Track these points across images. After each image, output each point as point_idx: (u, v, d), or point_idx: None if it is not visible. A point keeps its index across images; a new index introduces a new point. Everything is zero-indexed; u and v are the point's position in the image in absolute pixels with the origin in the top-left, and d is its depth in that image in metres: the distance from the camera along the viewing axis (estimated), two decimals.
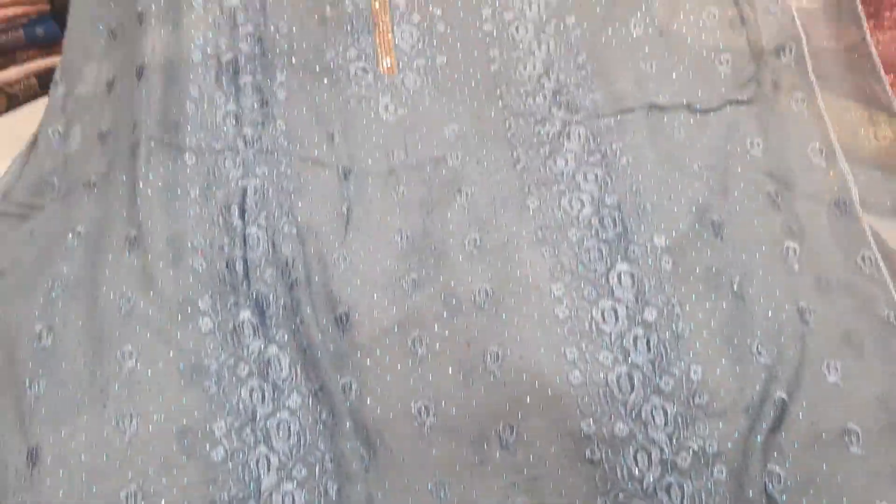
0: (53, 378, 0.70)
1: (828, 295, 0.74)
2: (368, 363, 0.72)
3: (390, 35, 0.94)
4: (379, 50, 0.93)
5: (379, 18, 0.95)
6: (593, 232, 0.75)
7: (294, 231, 0.79)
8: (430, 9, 0.94)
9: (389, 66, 0.93)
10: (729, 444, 0.65)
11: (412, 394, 0.70)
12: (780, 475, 0.64)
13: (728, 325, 0.71)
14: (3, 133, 1.30)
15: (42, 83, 1.42)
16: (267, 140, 0.85)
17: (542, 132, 0.84)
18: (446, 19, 0.94)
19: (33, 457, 0.65)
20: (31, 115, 1.37)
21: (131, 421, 0.67)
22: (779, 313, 0.72)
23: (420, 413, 0.69)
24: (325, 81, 0.90)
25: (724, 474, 0.64)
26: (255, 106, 0.87)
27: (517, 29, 0.94)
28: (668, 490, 0.64)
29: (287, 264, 0.77)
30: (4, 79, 1.37)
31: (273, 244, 0.79)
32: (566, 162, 0.80)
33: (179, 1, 0.88)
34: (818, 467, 0.64)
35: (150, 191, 0.81)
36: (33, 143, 0.96)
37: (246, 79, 0.87)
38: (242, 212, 0.80)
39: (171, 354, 0.72)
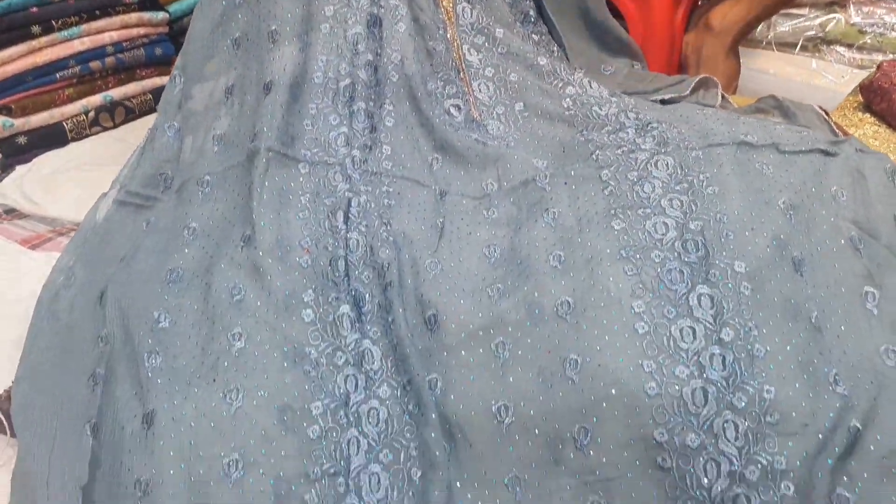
0: (169, 353, 0.77)
1: None
2: (454, 363, 0.77)
3: (469, 86, 1.02)
4: (467, 93, 1.01)
5: (461, 67, 1.03)
6: (676, 255, 0.78)
7: (391, 239, 0.86)
8: (501, 61, 1.03)
9: (474, 111, 1.01)
10: (798, 463, 0.67)
11: (493, 394, 0.75)
12: (848, 499, 0.66)
13: (804, 352, 0.73)
14: (119, 142, 1.42)
15: (157, 99, 1.54)
16: (372, 163, 0.93)
17: (630, 157, 0.89)
18: (517, 70, 1.03)
19: (148, 420, 0.72)
20: (145, 127, 1.49)
21: (237, 395, 0.73)
22: (857, 350, 0.74)
23: (500, 412, 0.74)
24: (426, 113, 0.98)
25: (792, 490, 0.66)
26: (366, 131, 0.95)
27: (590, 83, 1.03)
28: (734, 501, 0.67)
29: (383, 268, 0.83)
30: (124, 93, 1.50)
31: (371, 249, 0.85)
32: (653, 188, 0.84)
33: (310, 24, 0.97)
34: (888, 498, 0.66)
35: (265, 196, 0.88)
36: (151, 137, 1.05)
37: (360, 104, 0.95)
38: (347, 218, 0.87)
39: (276, 339, 0.78)
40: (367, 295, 0.82)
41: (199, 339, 0.78)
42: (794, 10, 1.56)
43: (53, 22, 1.35)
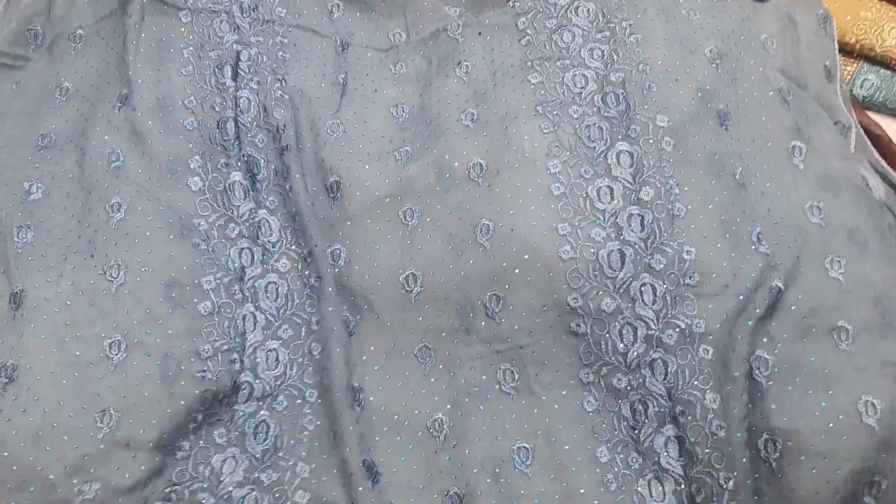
0: (41, 227, 0.70)
1: (834, 194, 0.72)
2: (358, 232, 0.72)
3: None
4: None
5: None
6: (595, 109, 0.73)
7: (287, 97, 0.78)
8: None
9: None
10: (717, 326, 0.64)
11: (401, 263, 0.70)
12: (767, 360, 0.63)
13: (728, 210, 0.69)
14: None
15: None
16: (264, 10, 0.83)
17: (549, 3, 0.81)
18: None
19: (17, 300, 0.65)
20: None
21: (118, 271, 0.67)
22: (782, 207, 0.70)
23: (408, 282, 0.69)
24: None
25: (710, 354, 0.64)
26: None
27: None
28: (651, 366, 0.64)
29: (278, 130, 0.76)
30: None
31: (265, 109, 0.77)
32: (573, 37, 0.77)
33: None
34: (806, 358, 0.63)
35: (142, 49, 0.78)
36: None
37: None
38: (235, 74, 0.78)
39: (160, 210, 0.71)
40: (262, 160, 0.75)
41: (75, 211, 0.71)
42: None
43: None
